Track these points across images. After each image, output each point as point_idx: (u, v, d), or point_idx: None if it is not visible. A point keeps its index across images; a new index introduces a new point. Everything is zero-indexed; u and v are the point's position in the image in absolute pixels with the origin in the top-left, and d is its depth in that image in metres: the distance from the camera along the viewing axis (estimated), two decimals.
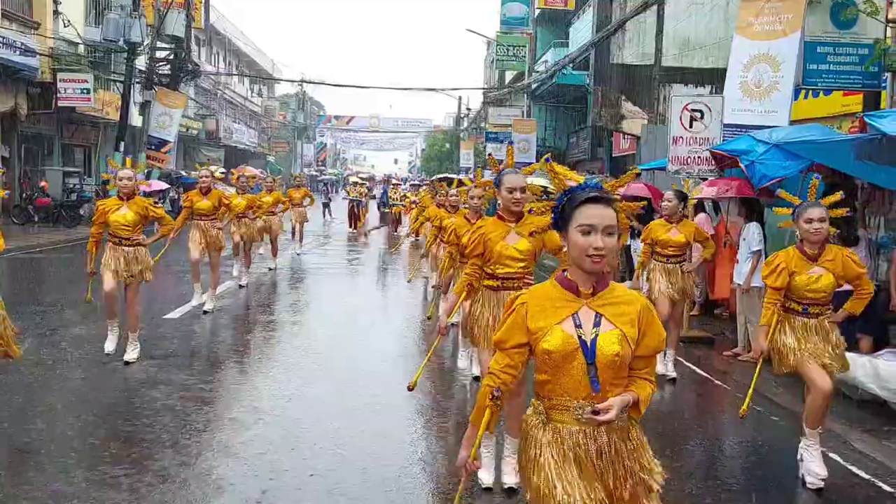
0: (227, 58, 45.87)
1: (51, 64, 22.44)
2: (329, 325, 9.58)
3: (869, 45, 9.57)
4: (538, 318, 2.52)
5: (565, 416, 2.53)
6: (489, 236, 4.56)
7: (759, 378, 5.23)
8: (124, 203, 7.09)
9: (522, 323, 2.54)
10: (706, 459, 5.45)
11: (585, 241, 2.45)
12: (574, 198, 2.51)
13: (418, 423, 5.84)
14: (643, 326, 2.53)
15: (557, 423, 2.55)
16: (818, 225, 4.62)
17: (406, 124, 68.48)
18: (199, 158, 35.00)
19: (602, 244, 2.43)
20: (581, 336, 2.48)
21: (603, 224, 2.44)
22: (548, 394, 2.56)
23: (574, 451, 2.52)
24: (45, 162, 24.59)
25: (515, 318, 2.56)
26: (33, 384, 6.39)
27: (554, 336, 2.48)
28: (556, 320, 2.50)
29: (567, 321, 2.50)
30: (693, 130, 9.20)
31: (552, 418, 2.56)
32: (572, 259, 2.54)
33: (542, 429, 2.57)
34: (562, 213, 2.54)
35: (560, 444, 2.53)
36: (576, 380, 2.49)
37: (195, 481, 4.49)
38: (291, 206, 16.11)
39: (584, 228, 2.45)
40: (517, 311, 2.57)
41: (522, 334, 2.55)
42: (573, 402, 2.51)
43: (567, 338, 2.48)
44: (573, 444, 2.52)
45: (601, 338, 2.48)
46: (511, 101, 35.32)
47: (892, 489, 4.84)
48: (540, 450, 2.55)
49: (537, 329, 2.51)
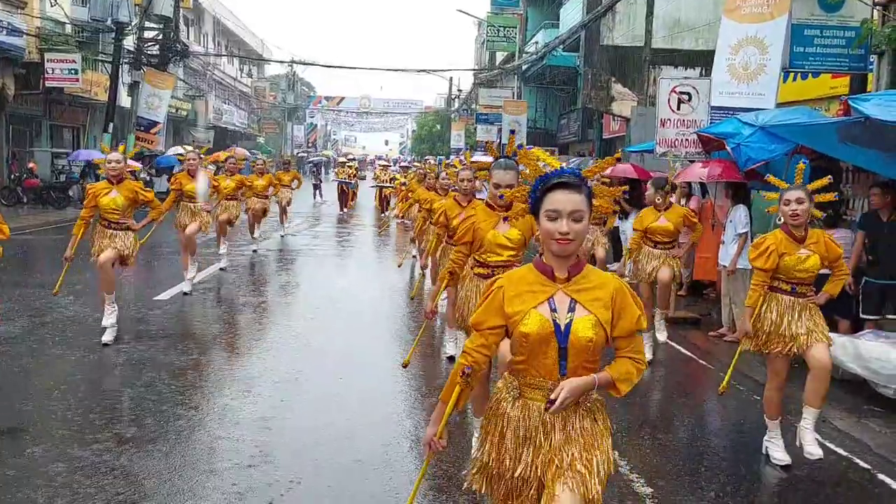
0: (215, 38, 45.47)
1: (38, 44, 22.24)
2: (319, 305, 9.63)
3: (856, 28, 9.61)
4: (515, 302, 2.59)
5: (537, 394, 2.62)
6: (479, 224, 4.60)
7: (740, 358, 5.34)
8: (114, 187, 7.11)
9: (499, 306, 2.61)
10: (687, 436, 5.56)
11: (552, 225, 2.52)
12: (544, 184, 2.58)
13: (407, 402, 5.92)
14: (617, 309, 2.59)
15: (529, 400, 2.64)
16: (795, 206, 4.70)
17: (397, 105, 68.13)
18: (188, 140, 34.83)
19: (567, 229, 2.50)
20: (556, 320, 2.55)
21: (568, 209, 2.50)
22: (522, 373, 2.64)
23: (541, 427, 2.60)
24: (34, 143, 24.44)
25: (492, 301, 2.64)
26: (24, 365, 6.44)
27: (531, 319, 2.55)
28: (532, 304, 2.57)
29: (543, 305, 2.57)
30: (681, 113, 9.28)
31: (524, 394, 2.65)
32: (543, 243, 2.63)
33: (512, 403, 2.66)
34: (535, 199, 2.61)
35: (526, 421, 2.62)
36: (550, 362, 2.57)
37: (187, 457, 4.57)
38: (281, 187, 16.11)
39: (550, 214, 2.53)
40: (494, 295, 2.64)
41: (499, 317, 2.62)
42: (547, 383, 2.59)
43: (543, 321, 2.55)
44: (539, 420, 2.61)
45: (576, 322, 2.55)
46: (502, 82, 35.24)
47: (869, 466, 4.96)
48: (506, 422, 2.65)
49: (514, 313, 2.58)
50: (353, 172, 25.78)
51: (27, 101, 23.37)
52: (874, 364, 6.18)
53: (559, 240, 2.51)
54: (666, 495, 4.36)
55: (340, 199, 25.19)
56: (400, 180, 22.78)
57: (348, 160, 28.50)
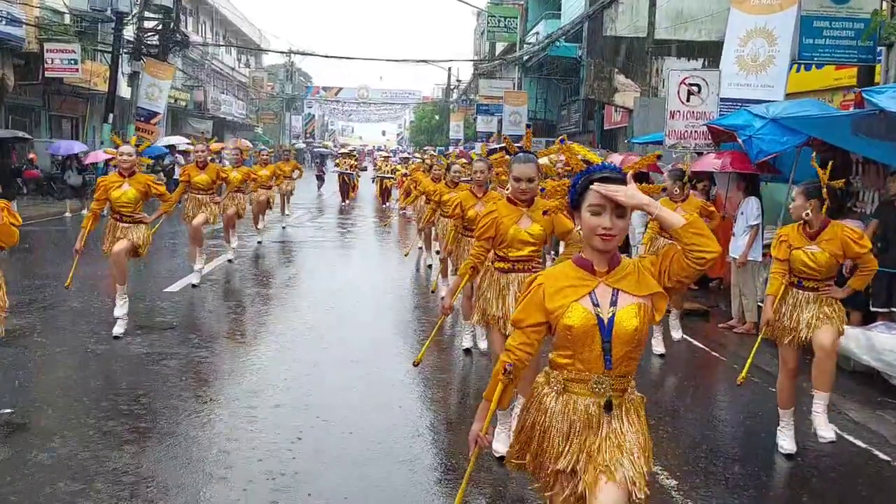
0: (213, 27, 45.29)
1: (37, 34, 22.13)
2: (328, 297, 9.62)
3: (865, 20, 9.61)
4: (556, 297, 2.59)
5: (582, 387, 2.62)
6: (502, 220, 4.58)
7: (755, 350, 5.35)
8: (126, 179, 7.07)
9: (540, 303, 2.61)
10: (700, 426, 5.57)
11: (595, 220, 2.52)
12: (586, 178, 2.57)
13: (423, 397, 5.93)
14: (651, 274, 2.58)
15: (574, 395, 2.63)
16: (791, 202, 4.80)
17: (395, 96, 67.95)
18: (187, 130, 34.72)
19: (611, 224, 2.50)
20: (599, 314, 2.55)
21: (612, 204, 2.49)
22: (566, 368, 2.64)
23: (584, 421, 2.61)
24: (33, 134, 24.30)
25: (532, 298, 2.63)
26: (33, 358, 6.42)
27: (575, 312, 2.55)
28: (574, 298, 2.57)
29: (585, 299, 2.57)
30: (690, 104, 9.27)
31: (568, 389, 2.65)
32: (584, 238, 2.62)
33: (556, 398, 2.66)
34: (577, 194, 2.60)
35: (570, 415, 2.62)
36: (594, 355, 2.58)
37: (202, 447, 4.58)
38: (283, 178, 16.08)
39: (593, 209, 2.52)
40: (534, 292, 2.63)
41: (540, 313, 2.61)
42: (592, 376, 2.60)
43: (587, 314, 2.55)
44: (585, 413, 2.61)
45: (619, 315, 2.55)
46: (501, 73, 35.16)
47: (888, 457, 4.99)
48: (549, 418, 2.66)
49: (556, 307, 2.58)
50: (354, 163, 25.74)
51: (26, 92, 23.28)
52: (888, 356, 6.20)
53: (602, 235, 2.51)
54: (691, 488, 4.38)
55: (342, 191, 25.15)
56: (401, 171, 22.77)
57: (350, 151, 28.43)
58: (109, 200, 7.06)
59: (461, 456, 4.60)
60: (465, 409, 5.60)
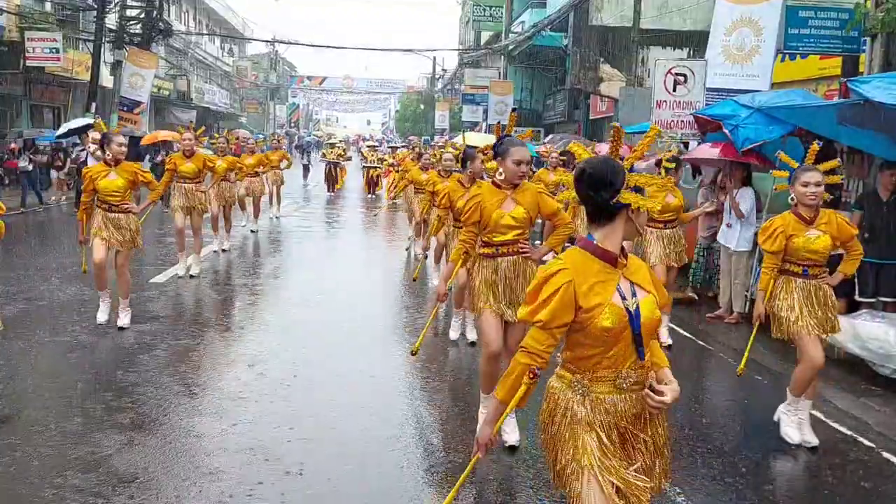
0: (196, 16, 44.86)
1: (18, 22, 21.83)
2: (318, 287, 9.62)
3: (849, 10, 9.66)
4: (590, 296, 2.51)
5: (607, 386, 2.59)
6: (485, 204, 4.58)
7: (753, 340, 5.36)
8: (112, 169, 6.99)
9: (571, 302, 2.50)
10: (690, 416, 5.61)
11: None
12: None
13: (415, 386, 5.94)
14: (656, 286, 2.66)
15: (599, 395, 2.59)
16: (814, 189, 4.74)
17: (380, 85, 67.68)
18: (170, 119, 34.43)
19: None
20: (627, 307, 2.54)
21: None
22: (592, 367, 2.58)
23: (614, 419, 2.59)
24: (14, 123, 24.05)
25: (563, 298, 2.50)
26: (21, 349, 6.38)
27: (612, 313, 2.51)
28: (607, 296, 2.53)
29: (615, 295, 2.54)
30: (677, 94, 9.30)
31: (593, 390, 2.59)
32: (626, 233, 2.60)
33: (581, 403, 2.59)
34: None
35: (599, 416, 2.58)
36: (626, 350, 2.55)
37: (191, 439, 4.57)
38: (270, 168, 15.99)
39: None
40: (565, 290, 2.50)
41: (571, 313, 2.52)
42: (617, 372, 2.57)
43: (620, 312, 2.52)
44: (614, 411, 2.59)
45: (641, 305, 2.56)
46: (487, 62, 35.08)
47: (872, 444, 5.06)
48: (579, 426, 2.59)
49: (592, 307, 2.50)
50: (342, 154, 25.62)
51: (7, 81, 22.98)
52: (871, 344, 6.27)
53: None
54: (684, 477, 4.42)
55: (328, 181, 25.04)
56: (388, 161, 22.69)
57: (338, 141, 28.29)
58: (97, 190, 6.97)
59: (457, 451, 4.62)
60: (458, 399, 5.61)
